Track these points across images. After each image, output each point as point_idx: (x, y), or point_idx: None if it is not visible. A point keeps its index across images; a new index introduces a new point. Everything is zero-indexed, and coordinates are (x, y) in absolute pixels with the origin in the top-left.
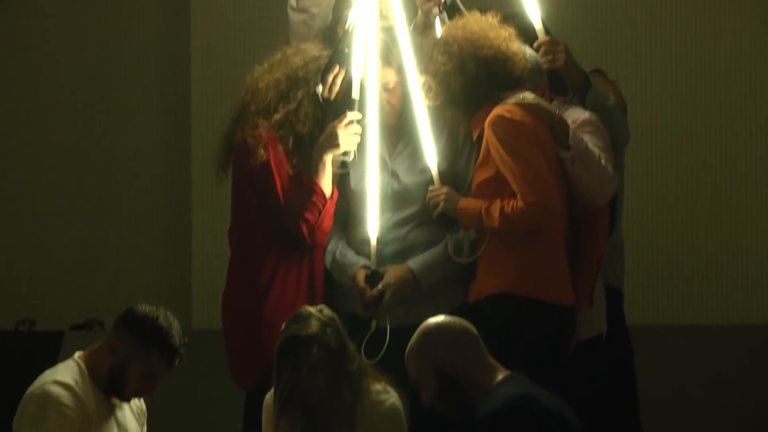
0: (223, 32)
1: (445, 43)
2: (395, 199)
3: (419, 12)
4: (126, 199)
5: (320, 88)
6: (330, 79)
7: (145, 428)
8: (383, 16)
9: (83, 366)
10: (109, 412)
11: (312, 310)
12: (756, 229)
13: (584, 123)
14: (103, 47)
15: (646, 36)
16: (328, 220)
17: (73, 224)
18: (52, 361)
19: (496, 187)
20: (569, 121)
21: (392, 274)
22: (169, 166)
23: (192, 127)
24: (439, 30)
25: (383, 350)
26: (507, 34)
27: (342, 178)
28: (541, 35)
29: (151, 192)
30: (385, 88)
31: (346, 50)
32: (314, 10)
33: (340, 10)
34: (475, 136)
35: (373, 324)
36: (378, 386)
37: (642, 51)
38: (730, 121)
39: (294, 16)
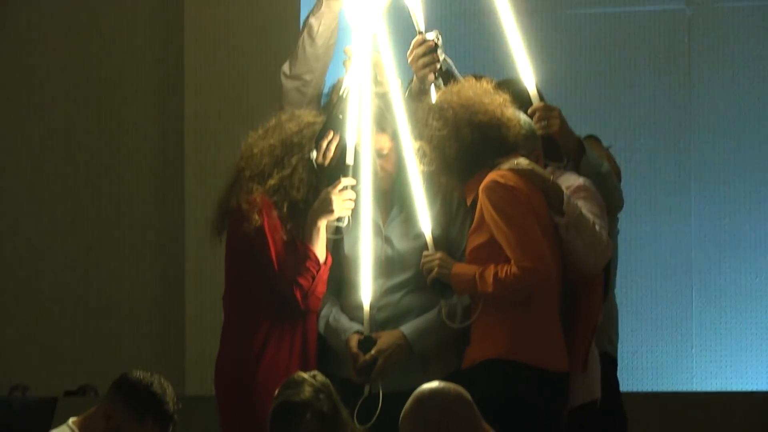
0: (217, 103)
1: (440, 109)
2: (389, 264)
3: (414, 78)
4: (120, 264)
5: (314, 153)
6: (324, 144)
7: None
8: (378, 82)
9: None
10: None
11: (305, 375)
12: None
13: (578, 189)
14: (96, 120)
15: (642, 102)
16: (321, 286)
17: (67, 290)
18: (46, 428)
19: (490, 252)
20: (564, 187)
21: (385, 339)
22: (163, 231)
23: (186, 193)
24: (434, 96)
25: (376, 416)
26: (501, 99)
27: (336, 244)
28: (536, 101)
29: (145, 257)
30: (380, 154)
31: (341, 116)
32: (307, 77)
33: (333, 77)
34: (469, 201)
35: (366, 389)
36: None
37: (637, 117)
38: (724, 191)
39: (287, 83)
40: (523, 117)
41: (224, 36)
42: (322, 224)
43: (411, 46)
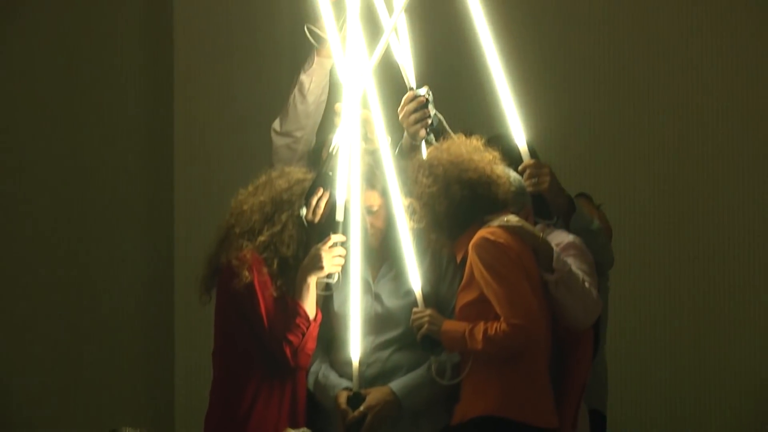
0: (206, 163)
1: (430, 166)
2: (378, 321)
3: (405, 134)
4: (108, 320)
5: (304, 210)
6: (314, 201)
7: None
8: (368, 139)
9: None
10: None
11: None
12: (742, 353)
13: (568, 246)
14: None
15: (634, 160)
16: (311, 343)
17: (53, 343)
18: None
19: (480, 309)
20: (553, 245)
21: (374, 396)
22: (152, 287)
23: (175, 250)
24: (425, 152)
25: None
26: (491, 157)
27: (326, 300)
28: (526, 158)
29: (134, 315)
30: (369, 211)
31: (330, 173)
32: (298, 134)
33: (324, 134)
34: (459, 258)
35: None
36: None
37: (629, 175)
38: (719, 247)
39: (277, 140)
40: (513, 174)
41: (215, 54)
42: (312, 281)
43: (402, 103)
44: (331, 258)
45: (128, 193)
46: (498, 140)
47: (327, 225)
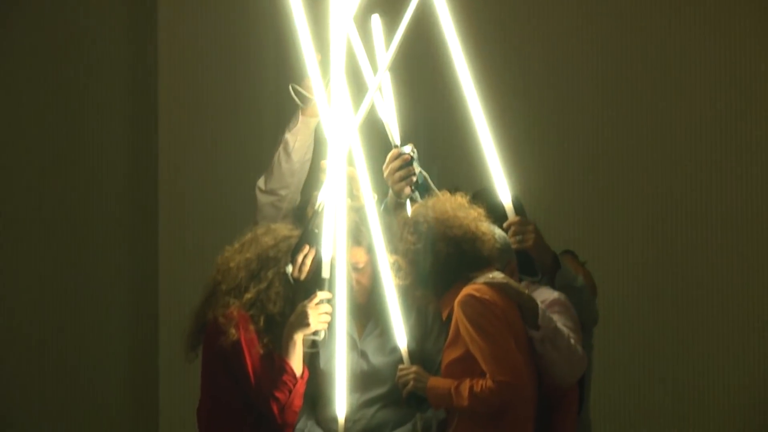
0: (190, 221)
1: (415, 223)
2: (364, 378)
3: (390, 192)
4: (94, 376)
5: (290, 267)
6: (300, 259)
7: None
8: (353, 196)
9: None
10: None
11: None
12: (727, 407)
13: (553, 303)
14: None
15: (618, 218)
16: (298, 400)
17: (38, 400)
18: None
19: (466, 366)
20: (539, 301)
21: None
22: (137, 344)
23: (160, 307)
24: (409, 209)
25: None
26: (476, 214)
27: (312, 357)
28: (511, 215)
29: (119, 372)
30: (355, 268)
31: (316, 230)
32: (282, 192)
33: (308, 192)
34: (444, 315)
35: None
36: None
37: (614, 233)
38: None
39: (262, 198)
40: (497, 231)
41: (198, 73)
42: (299, 338)
43: (387, 160)
44: (317, 315)
45: (114, 250)
46: (483, 195)
47: (313, 282)
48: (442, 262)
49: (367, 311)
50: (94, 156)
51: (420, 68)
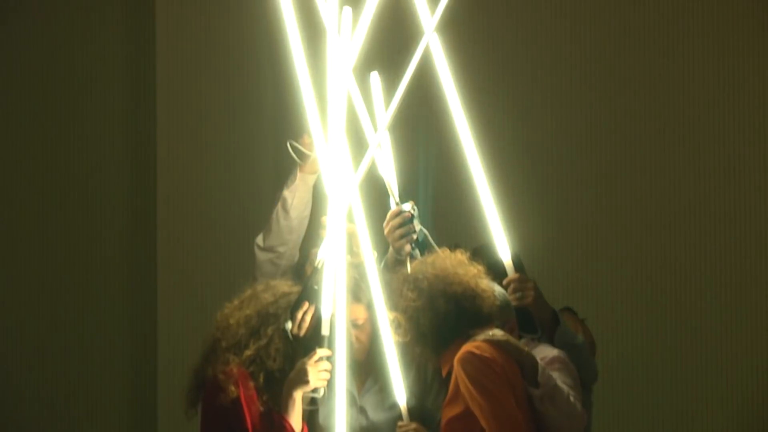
0: (190, 278)
1: (415, 280)
2: None
3: (390, 249)
4: None
5: (290, 324)
6: (299, 315)
7: None
8: (353, 253)
9: None
10: None
11: None
12: None
13: (553, 360)
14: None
15: (618, 276)
16: None
17: None
18: None
19: (466, 423)
20: (538, 359)
21: None
22: (137, 402)
23: (159, 364)
24: (409, 267)
25: None
26: (476, 271)
27: (311, 414)
28: (511, 272)
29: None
30: (355, 325)
31: (316, 287)
32: (281, 249)
33: (307, 248)
34: (444, 372)
35: None
36: None
37: (613, 290)
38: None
39: (261, 255)
40: (497, 288)
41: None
42: (298, 395)
43: (387, 218)
44: (316, 372)
45: (113, 307)
46: (483, 252)
47: (313, 339)
48: (442, 319)
49: (366, 368)
50: (93, 216)
51: (420, 125)
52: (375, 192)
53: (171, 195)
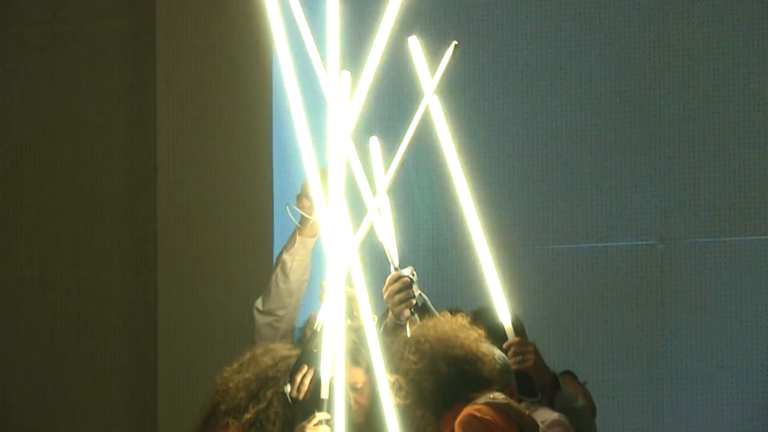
0: (189, 343)
1: (416, 342)
2: None
3: (389, 313)
4: None
5: (289, 387)
6: (299, 379)
7: None
8: (353, 317)
9: None
10: None
11: None
12: None
13: (553, 424)
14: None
15: (618, 339)
16: None
17: None
18: None
19: None
20: (539, 422)
21: None
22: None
23: (159, 428)
24: (409, 331)
25: None
26: (477, 335)
27: None
28: (511, 336)
29: None
30: (354, 388)
31: (315, 350)
32: (280, 312)
33: (306, 311)
34: None
35: None
36: None
37: (613, 354)
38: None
39: (260, 319)
40: (497, 352)
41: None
42: None
43: (386, 282)
44: None
45: (112, 372)
46: (483, 315)
47: (312, 402)
48: (444, 382)
49: (365, 431)
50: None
51: (419, 188)
52: (374, 256)
53: (170, 257)
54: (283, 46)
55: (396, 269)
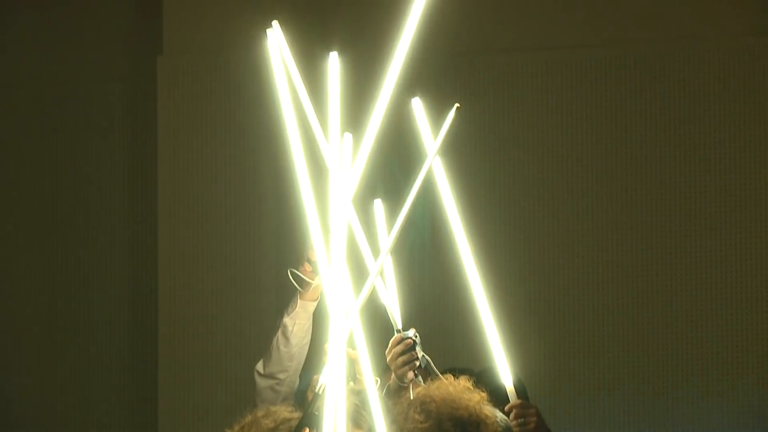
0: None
1: (422, 403)
2: None
3: (392, 376)
4: None
5: None
6: None
7: None
8: (356, 379)
9: None
10: None
11: None
12: None
13: None
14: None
15: (619, 402)
16: None
17: None
18: None
19: None
20: None
21: None
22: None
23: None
24: (412, 393)
25: None
26: (479, 397)
27: None
28: (513, 398)
29: None
30: None
31: (317, 413)
32: (281, 376)
33: (308, 375)
34: None
35: None
36: None
37: (614, 416)
38: None
39: (261, 382)
40: (500, 415)
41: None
42: None
43: (389, 345)
44: None
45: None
46: (485, 376)
47: None
48: None
49: None
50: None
51: (421, 250)
52: (376, 317)
53: (171, 313)
54: (288, 107)
55: (399, 331)
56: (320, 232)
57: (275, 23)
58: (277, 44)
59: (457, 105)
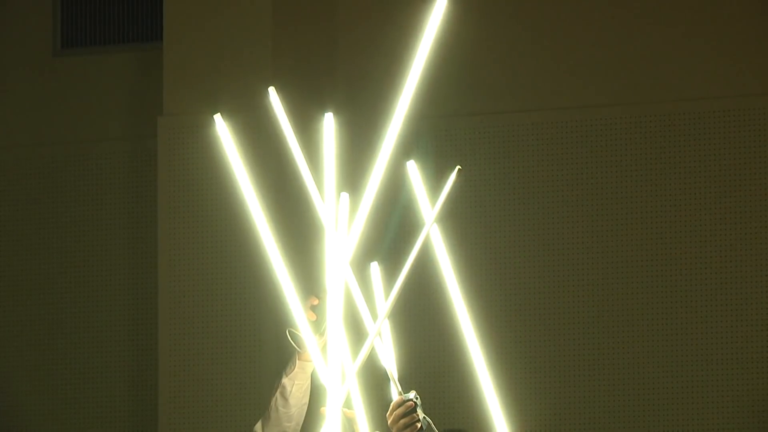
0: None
1: None
2: None
3: None
4: None
5: None
6: None
7: None
8: None
9: None
10: None
11: None
12: None
13: None
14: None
15: None
16: None
17: None
18: None
19: None
20: None
21: None
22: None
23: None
24: None
25: None
26: None
27: None
28: None
29: None
30: None
31: None
32: None
33: None
34: None
35: None
36: None
37: None
38: None
39: None
40: None
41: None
42: None
43: (390, 407)
44: None
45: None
46: None
47: None
48: None
49: None
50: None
51: (419, 313)
52: (374, 379)
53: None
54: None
55: (400, 393)
56: (303, 298)
57: (272, 90)
58: (275, 108)
59: (458, 167)
